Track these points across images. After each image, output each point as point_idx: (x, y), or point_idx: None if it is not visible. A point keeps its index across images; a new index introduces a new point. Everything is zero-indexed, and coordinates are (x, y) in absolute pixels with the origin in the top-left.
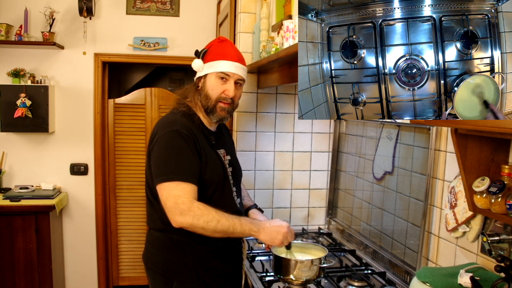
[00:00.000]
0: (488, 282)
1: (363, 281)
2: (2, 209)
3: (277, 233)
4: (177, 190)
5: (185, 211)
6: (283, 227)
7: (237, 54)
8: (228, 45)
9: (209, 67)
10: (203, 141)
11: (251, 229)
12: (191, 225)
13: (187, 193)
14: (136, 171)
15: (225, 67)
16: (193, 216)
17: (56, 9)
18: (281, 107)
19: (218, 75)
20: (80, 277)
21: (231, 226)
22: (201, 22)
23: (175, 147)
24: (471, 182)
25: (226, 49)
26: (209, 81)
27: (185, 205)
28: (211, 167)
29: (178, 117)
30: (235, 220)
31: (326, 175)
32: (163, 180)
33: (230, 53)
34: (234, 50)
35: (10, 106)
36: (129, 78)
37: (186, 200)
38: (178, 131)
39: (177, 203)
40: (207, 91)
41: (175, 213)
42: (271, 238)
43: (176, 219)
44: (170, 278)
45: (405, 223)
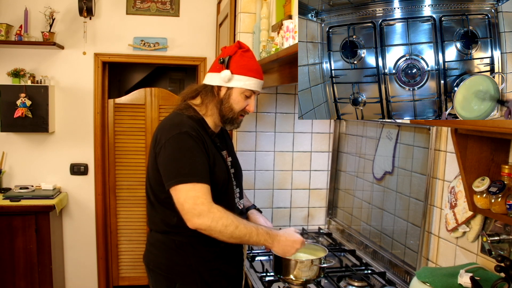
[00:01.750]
0: (488, 282)
1: (363, 281)
2: (2, 209)
3: (291, 248)
4: (195, 191)
5: (204, 213)
6: (297, 243)
7: (261, 70)
8: (253, 57)
9: (238, 80)
10: (209, 142)
11: (266, 240)
12: (208, 228)
13: (205, 194)
14: (136, 171)
15: (255, 86)
16: (212, 219)
17: (56, 9)
18: (281, 107)
19: (246, 92)
20: (80, 277)
21: (248, 234)
22: (201, 22)
23: (187, 149)
24: (471, 182)
25: (254, 64)
26: (234, 95)
27: (205, 206)
28: (218, 169)
29: (184, 119)
30: (253, 228)
31: (326, 175)
32: (177, 182)
33: (257, 69)
34: (257, 64)
35: (10, 106)
36: (129, 78)
37: (206, 201)
38: (188, 132)
39: (196, 204)
40: (231, 104)
41: (193, 215)
42: (284, 252)
43: (194, 221)
44: (173, 279)
45: (405, 223)
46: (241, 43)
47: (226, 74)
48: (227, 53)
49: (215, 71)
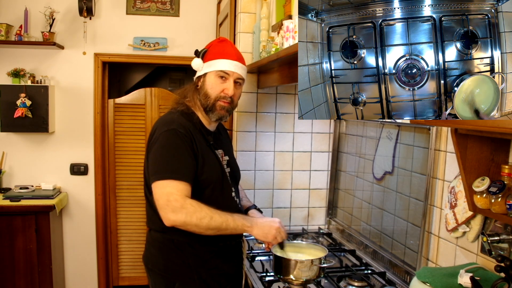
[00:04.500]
0: (488, 282)
1: (363, 281)
2: (2, 209)
3: (270, 227)
4: (170, 188)
5: (177, 209)
6: (274, 222)
7: (237, 53)
8: (228, 45)
9: (209, 66)
10: (200, 141)
11: (244, 224)
12: (184, 223)
13: (180, 190)
14: (136, 171)
15: (225, 65)
16: (186, 213)
17: (56, 9)
18: (281, 107)
19: (217, 74)
20: (80, 277)
21: (224, 222)
22: (201, 22)
23: (171, 146)
24: (471, 182)
25: (226, 49)
26: (208, 80)
27: (178, 202)
28: (209, 167)
29: (176, 116)
30: (228, 216)
31: (326, 175)
32: (157, 178)
33: (229, 52)
34: (233, 49)
35: (10, 106)
36: (129, 78)
37: (179, 197)
38: (175, 130)
39: (169, 201)
40: (206, 90)
41: (167, 211)
42: (264, 233)
43: (168, 217)
44: (172, 279)
45: (405, 223)
46: (221, 37)
47: (195, 62)
48: (206, 47)
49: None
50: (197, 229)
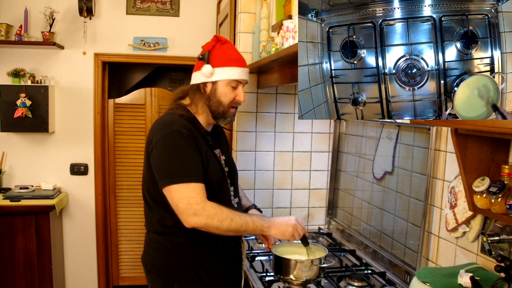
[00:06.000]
0: (488, 282)
1: (363, 281)
2: (2, 209)
3: (287, 226)
4: (188, 191)
5: (199, 211)
6: (290, 220)
7: (243, 58)
8: (233, 48)
9: (221, 73)
10: (201, 141)
11: (263, 225)
12: (205, 225)
13: (198, 193)
14: (136, 171)
15: (238, 74)
16: (207, 216)
17: (56, 9)
18: (281, 107)
19: (231, 83)
20: (80, 277)
21: (244, 224)
22: (201, 22)
23: (178, 148)
24: (471, 182)
25: (233, 53)
26: (221, 88)
27: (199, 205)
28: (211, 167)
29: (175, 118)
30: (247, 218)
31: (326, 175)
32: (170, 182)
33: (239, 59)
34: (239, 53)
35: (10, 106)
36: (129, 78)
37: (200, 200)
38: (179, 131)
39: (190, 204)
40: (219, 98)
41: (188, 214)
42: (281, 232)
43: (189, 220)
44: (171, 280)
45: (405, 223)
46: (218, 36)
47: (207, 69)
48: (206, 49)
49: (198, 70)
50: (217, 231)
